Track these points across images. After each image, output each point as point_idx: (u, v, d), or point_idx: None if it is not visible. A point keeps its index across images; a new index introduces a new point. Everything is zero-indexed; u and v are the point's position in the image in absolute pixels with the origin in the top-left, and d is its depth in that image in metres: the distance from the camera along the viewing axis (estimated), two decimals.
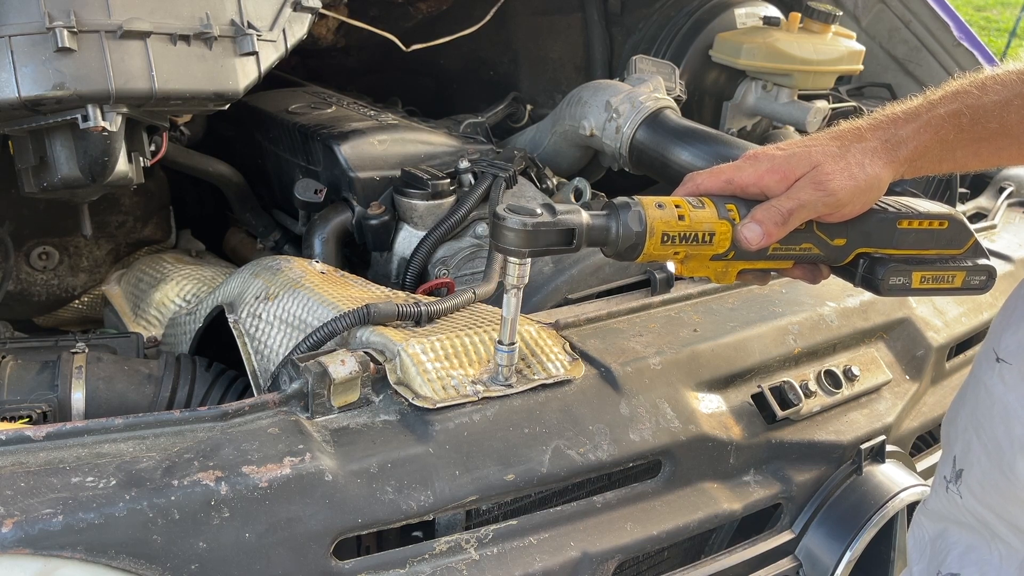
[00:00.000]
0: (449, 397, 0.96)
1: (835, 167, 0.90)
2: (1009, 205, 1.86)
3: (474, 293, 1.16)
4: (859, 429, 1.22)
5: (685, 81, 1.84)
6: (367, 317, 1.02)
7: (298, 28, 1.34)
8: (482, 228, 1.48)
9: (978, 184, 1.95)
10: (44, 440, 0.83)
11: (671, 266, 1.26)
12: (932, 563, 1.08)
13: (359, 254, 1.55)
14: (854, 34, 2.00)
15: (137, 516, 0.78)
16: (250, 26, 1.26)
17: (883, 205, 1.00)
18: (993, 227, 1.74)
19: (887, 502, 1.17)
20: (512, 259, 0.91)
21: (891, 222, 0.98)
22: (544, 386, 1.02)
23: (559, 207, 0.90)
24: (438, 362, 0.98)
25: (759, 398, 1.16)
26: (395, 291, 1.20)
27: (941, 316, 1.43)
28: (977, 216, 1.82)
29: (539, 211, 0.88)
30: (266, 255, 1.48)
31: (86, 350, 1.18)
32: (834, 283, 1.34)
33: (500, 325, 0.97)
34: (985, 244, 1.04)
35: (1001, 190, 1.89)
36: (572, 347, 1.09)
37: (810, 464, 1.18)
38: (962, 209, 1.81)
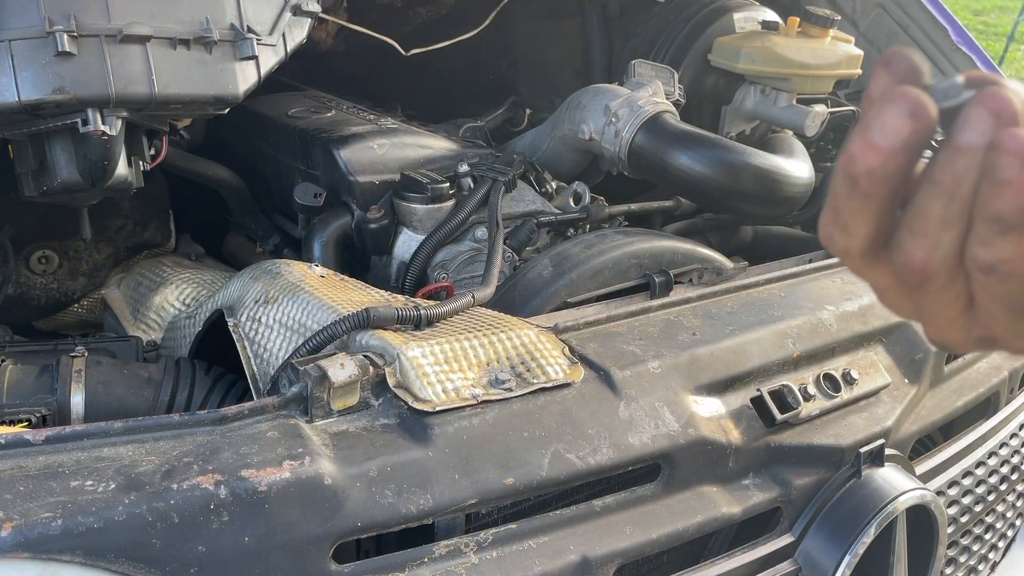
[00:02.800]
0: (448, 401, 0.96)
1: None
2: None
3: (473, 297, 1.16)
4: (858, 433, 1.22)
5: (684, 85, 1.84)
6: (367, 321, 1.02)
7: (298, 32, 1.34)
8: (481, 232, 1.48)
9: None
10: (43, 444, 0.83)
11: None
12: None
13: (358, 258, 1.55)
14: (852, 38, 2.00)
15: (136, 520, 0.78)
16: (250, 30, 1.26)
17: None
18: None
19: (886, 505, 1.17)
20: None
21: None
22: (543, 390, 1.02)
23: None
24: (437, 366, 0.98)
25: (758, 402, 1.15)
26: (394, 295, 1.21)
27: None
28: None
29: None
30: (266, 259, 1.48)
31: (85, 354, 1.18)
32: (832, 287, 1.34)
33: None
34: None
35: None
36: (571, 351, 1.09)
37: (809, 468, 1.18)
38: None
